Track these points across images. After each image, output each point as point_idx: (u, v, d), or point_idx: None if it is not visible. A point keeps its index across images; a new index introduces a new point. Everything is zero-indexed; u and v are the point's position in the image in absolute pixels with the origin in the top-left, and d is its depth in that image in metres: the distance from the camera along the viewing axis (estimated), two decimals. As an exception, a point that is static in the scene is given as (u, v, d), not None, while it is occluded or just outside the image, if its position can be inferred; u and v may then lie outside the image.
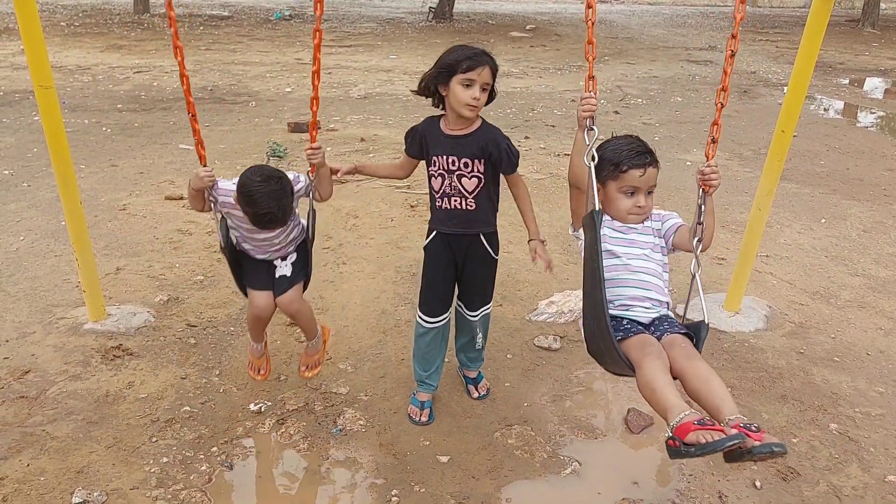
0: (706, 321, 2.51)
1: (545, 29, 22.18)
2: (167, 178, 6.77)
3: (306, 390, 3.58)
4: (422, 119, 3.16)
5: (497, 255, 3.25)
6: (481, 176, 3.03)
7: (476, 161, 2.99)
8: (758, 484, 3.02)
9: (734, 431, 1.98)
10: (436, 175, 3.09)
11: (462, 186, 3.04)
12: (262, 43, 17.19)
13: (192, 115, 2.86)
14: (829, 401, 3.61)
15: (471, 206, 3.08)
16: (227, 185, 2.95)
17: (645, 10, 32.97)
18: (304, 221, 3.19)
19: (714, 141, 2.51)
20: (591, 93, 2.51)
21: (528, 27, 22.05)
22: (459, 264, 3.22)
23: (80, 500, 2.78)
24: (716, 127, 2.50)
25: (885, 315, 4.53)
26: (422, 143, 3.10)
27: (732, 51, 2.45)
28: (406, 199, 6.32)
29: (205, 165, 2.92)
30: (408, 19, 24.09)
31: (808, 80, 3.79)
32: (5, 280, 4.63)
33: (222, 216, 3.04)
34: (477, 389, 3.59)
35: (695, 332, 2.50)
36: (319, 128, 2.98)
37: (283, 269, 3.13)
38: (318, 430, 3.30)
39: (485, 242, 3.17)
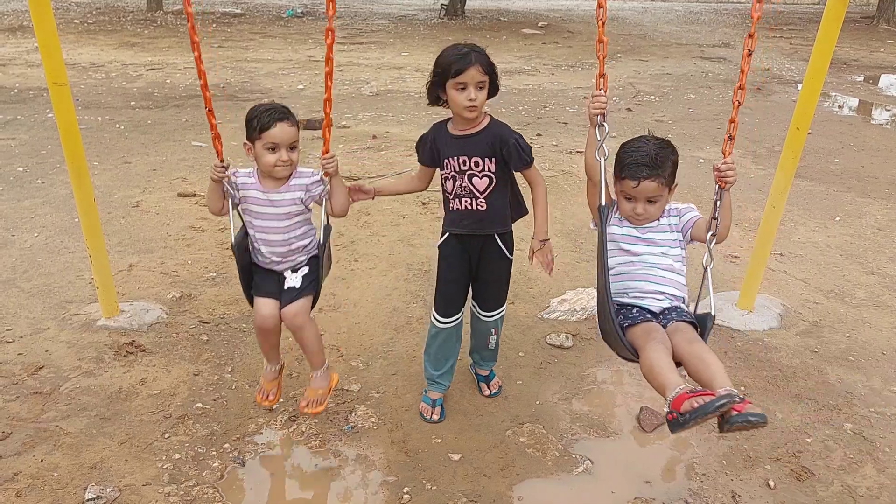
0: (713, 313, 2.59)
1: (557, 26, 22.12)
2: (180, 175, 6.79)
3: (318, 387, 3.59)
4: (433, 118, 3.16)
5: (512, 254, 3.24)
6: (492, 175, 3.01)
7: (486, 160, 2.98)
8: (771, 484, 3.00)
9: (723, 391, 2.12)
10: (448, 177, 3.08)
11: (473, 186, 3.02)
12: (274, 40, 17.23)
13: (209, 110, 2.86)
14: (844, 400, 3.58)
15: (482, 207, 3.05)
16: (244, 171, 2.99)
17: (658, 6, 32.83)
18: (319, 236, 3.05)
19: (731, 138, 2.54)
20: (602, 91, 2.55)
21: (540, 24, 22.00)
22: (474, 265, 3.21)
23: (94, 496, 2.79)
24: (732, 125, 2.53)
25: (901, 314, 4.49)
26: (433, 149, 3.10)
27: (750, 50, 2.46)
28: (418, 196, 6.30)
29: (221, 160, 2.92)
30: (420, 16, 24.09)
31: (824, 77, 3.75)
32: (19, 276, 4.66)
33: (239, 215, 3.02)
34: (489, 387, 3.58)
35: (701, 324, 2.59)
36: (331, 125, 2.96)
37: (293, 280, 2.98)
38: (329, 427, 3.31)
39: (500, 242, 3.16)
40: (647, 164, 2.55)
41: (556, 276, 4.85)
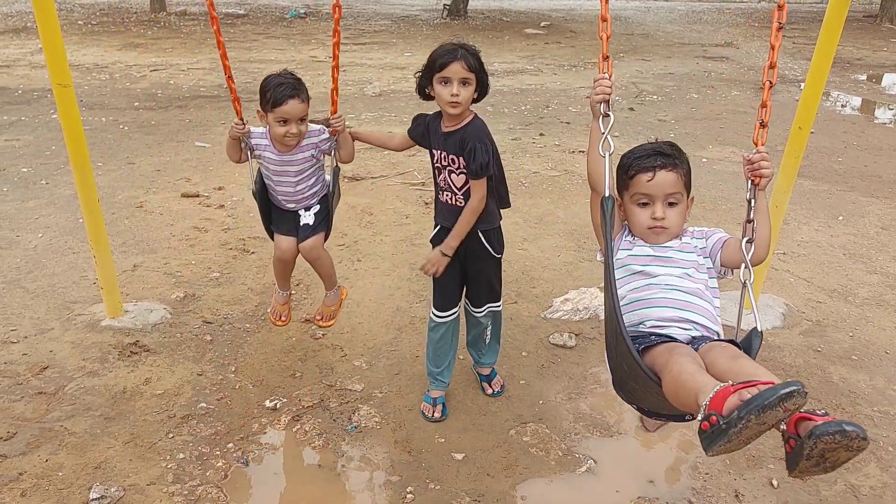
0: (759, 328, 2.07)
1: (560, 25, 22.11)
2: (184, 176, 6.81)
3: (321, 387, 3.60)
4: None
5: (499, 253, 3.23)
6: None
7: (460, 158, 3.00)
8: (775, 483, 3.00)
9: (791, 381, 1.52)
10: (434, 167, 3.16)
11: (452, 182, 3.06)
12: (277, 41, 17.23)
13: (229, 76, 3.19)
14: (847, 399, 3.58)
15: (460, 203, 3.07)
16: (258, 130, 3.31)
17: (660, 6, 32.78)
18: (328, 178, 3.44)
19: (763, 125, 2.19)
20: (606, 74, 2.22)
21: (542, 24, 21.99)
22: (462, 259, 3.22)
23: (98, 496, 2.81)
24: (764, 109, 2.20)
25: (904, 313, 4.48)
26: (425, 132, 3.16)
27: (780, 23, 2.15)
28: (420, 196, 6.32)
29: (241, 118, 3.24)
30: (422, 16, 24.08)
31: (826, 76, 3.75)
32: (24, 277, 4.68)
33: (256, 164, 3.37)
34: (491, 386, 3.59)
35: (745, 345, 2.05)
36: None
37: (307, 218, 3.38)
38: (333, 427, 3.31)
39: (483, 240, 3.15)
40: (660, 152, 2.22)
41: (559, 276, 4.86)
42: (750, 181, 2.15)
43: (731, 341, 2.04)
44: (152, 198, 6.22)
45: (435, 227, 3.29)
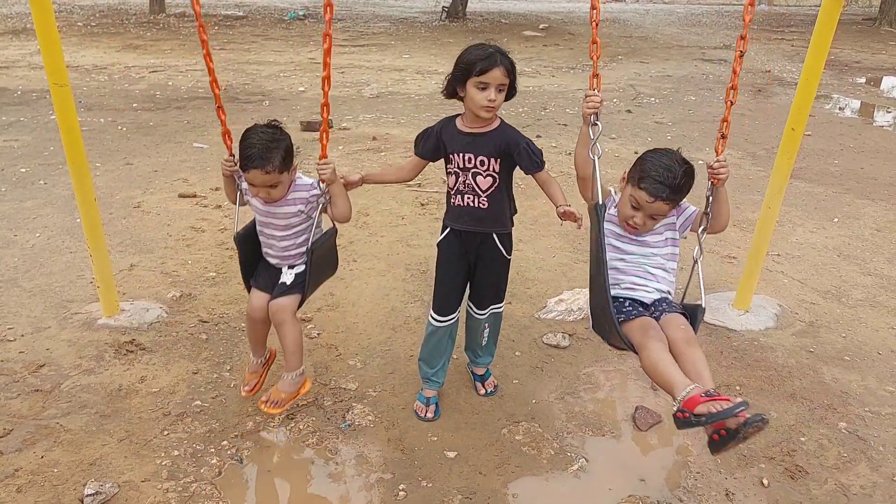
0: (703, 305, 2.70)
1: (558, 28, 22.15)
2: (181, 177, 6.83)
3: (316, 386, 3.61)
4: (433, 118, 3.18)
5: (510, 255, 3.26)
6: (496, 175, 3.03)
7: (492, 160, 3.00)
8: (765, 482, 3.02)
9: (739, 399, 2.12)
10: (451, 172, 3.10)
11: (476, 184, 3.05)
12: (276, 43, 17.27)
13: (219, 107, 3.09)
14: (839, 400, 3.60)
15: (483, 205, 3.08)
16: None
17: (659, 8, 32.84)
18: (315, 238, 3.13)
19: (724, 137, 2.67)
20: (596, 91, 2.63)
21: (541, 26, 22.03)
22: (472, 263, 3.24)
23: (93, 492, 2.82)
24: (725, 123, 2.65)
25: (897, 314, 4.50)
26: (438, 142, 3.10)
27: (741, 51, 2.60)
28: (417, 197, 6.34)
29: (231, 154, 3.08)
30: (421, 18, 24.13)
31: (819, 76, 3.78)
32: (21, 276, 4.70)
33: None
34: (484, 386, 3.61)
35: (691, 314, 2.68)
36: (332, 126, 3.00)
37: (286, 276, 3.09)
38: (326, 425, 3.33)
39: (498, 243, 3.18)
40: (671, 186, 2.61)
41: (554, 276, 4.89)
42: (710, 182, 2.70)
43: (683, 313, 2.66)
44: (150, 198, 6.24)
45: (444, 231, 3.25)
